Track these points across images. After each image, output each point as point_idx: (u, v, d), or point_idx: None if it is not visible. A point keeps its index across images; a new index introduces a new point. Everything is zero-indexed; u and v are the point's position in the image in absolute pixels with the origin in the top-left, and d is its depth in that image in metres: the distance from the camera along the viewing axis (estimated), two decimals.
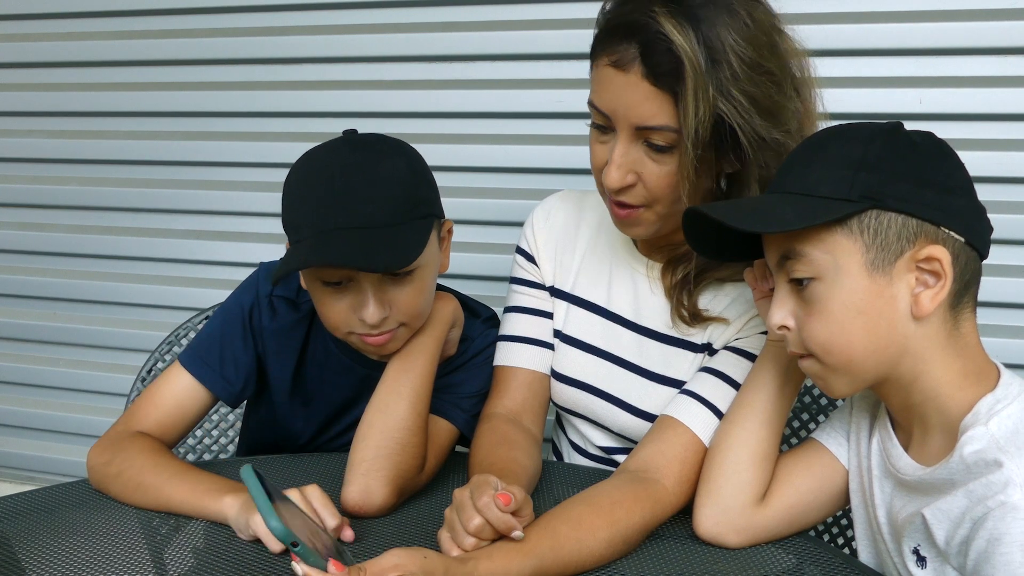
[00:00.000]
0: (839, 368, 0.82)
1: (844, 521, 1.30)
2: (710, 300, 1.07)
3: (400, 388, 1.02)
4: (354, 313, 0.99)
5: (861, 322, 0.79)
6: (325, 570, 0.73)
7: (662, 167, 0.97)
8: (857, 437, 0.94)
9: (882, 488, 0.90)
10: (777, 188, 0.85)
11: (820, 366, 0.83)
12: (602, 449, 1.17)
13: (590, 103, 1.00)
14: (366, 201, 0.96)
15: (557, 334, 1.17)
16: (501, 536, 0.82)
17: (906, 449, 0.86)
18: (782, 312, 0.84)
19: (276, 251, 1.96)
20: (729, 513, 0.92)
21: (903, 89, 1.56)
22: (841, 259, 0.78)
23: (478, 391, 1.14)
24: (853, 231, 0.78)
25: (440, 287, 1.12)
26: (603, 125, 0.99)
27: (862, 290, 0.78)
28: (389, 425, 0.99)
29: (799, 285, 0.81)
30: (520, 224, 1.81)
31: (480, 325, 1.18)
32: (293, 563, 0.74)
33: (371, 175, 0.97)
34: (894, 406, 0.88)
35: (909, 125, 0.84)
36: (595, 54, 0.99)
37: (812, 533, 1.31)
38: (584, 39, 1.64)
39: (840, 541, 1.30)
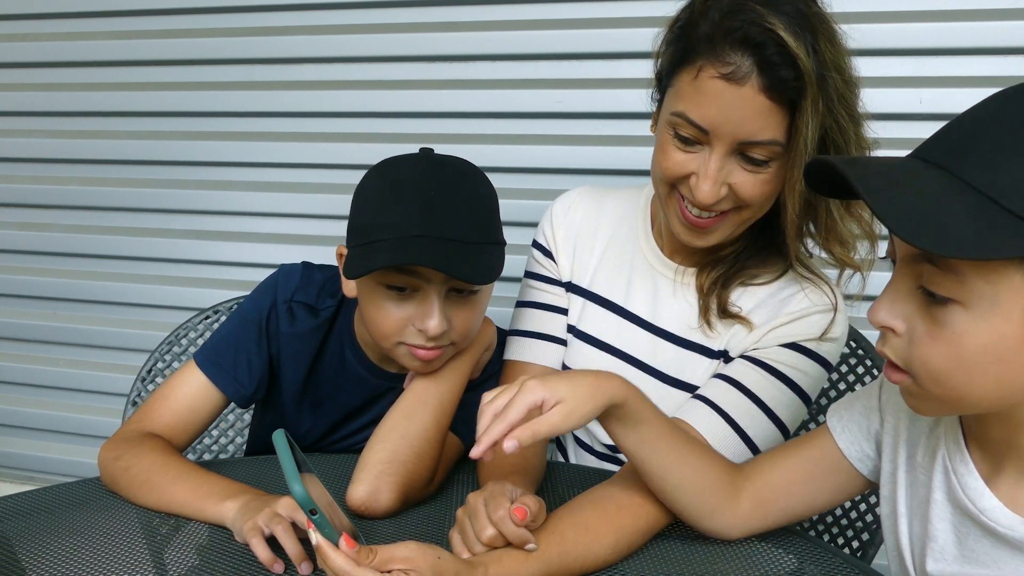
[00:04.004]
0: (943, 400, 0.68)
1: (844, 521, 1.30)
2: (738, 297, 1.07)
3: (428, 399, 1.03)
4: (413, 323, 0.99)
5: (996, 369, 0.63)
6: (337, 544, 0.75)
7: (756, 177, 0.95)
8: (894, 444, 0.83)
9: (946, 519, 0.76)
10: (950, 161, 0.62)
11: (917, 388, 0.68)
12: (608, 447, 1.17)
13: (680, 115, 0.94)
14: (456, 216, 0.96)
15: (571, 330, 1.17)
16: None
17: (986, 482, 0.72)
18: (892, 311, 0.67)
19: (277, 251, 1.97)
20: (720, 528, 0.91)
21: (903, 89, 1.56)
22: (1003, 296, 0.60)
23: None
24: None
25: None
26: (691, 137, 0.94)
27: (1012, 339, 0.62)
28: (411, 432, 1.00)
29: (931, 297, 0.64)
30: (520, 224, 1.81)
31: (496, 348, 1.18)
32: (309, 530, 0.75)
33: (461, 192, 0.98)
34: (987, 436, 0.73)
35: (909, 125, 0.82)
36: (687, 65, 0.93)
37: (813, 533, 1.31)
38: (584, 39, 1.63)
39: (840, 541, 1.30)
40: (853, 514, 1.29)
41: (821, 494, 0.91)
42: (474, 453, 0.77)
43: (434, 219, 0.95)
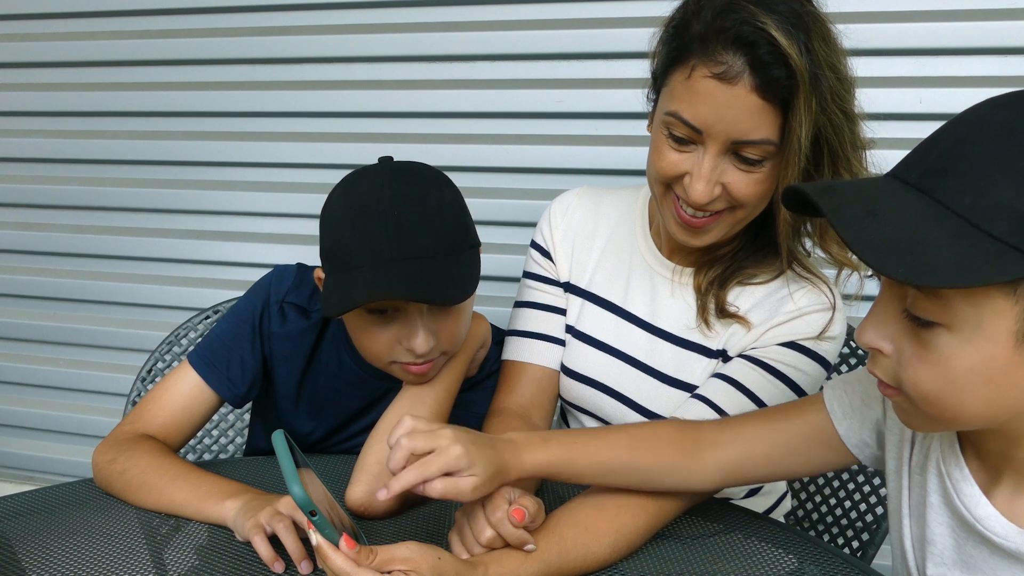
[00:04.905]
0: (935, 418, 0.67)
1: (844, 521, 1.30)
2: (736, 296, 1.07)
3: (423, 399, 1.03)
4: (400, 343, 0.98)
5: (985, 390, 0.63)
6: (338, 545, 0.75)
7: (750, 176, 0.95)
8: (899, 440, 0.82)
9: (944, 523, 0.76)
10: (929, 184, 0.61)
11: (909, 404, 0.68)
12: None
13: (673, 115, 0.94)
14: (422, 232, 0.94)
15: (570, 330, 1.17)
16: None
17: (984, 491, 0.72)
18: (879, 332, 0.67)
19: (277, 251, 1.97)
20: (688, 490, 0.93)
21: (903, 89, 1.56)
22: (987, 319, 0.60)
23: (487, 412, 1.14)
24: (1017, 292, 0.58)
25: None
26: (684, 137, 0.95)
27: (1000, 360, 0.61)
28: None
29: (916, 320, 0.63)
30: (520, 223, 1.81)
31: (494, 348, 1.18)
32: (309, 531, 0.75)
33: (423, 205, 0.96)
34: (985, 447, 0.72)
35: (909, 125, 0.82)
36: (680, 65, 0.93)
37: (813, 533, 1.31)
38: (584, 39, 1.63)
39: (840, 541, 1.30)
40: (853, 514, 1.29)
41: (804, 465, 0.91)
42: (381, 495, 0.79)
43: (406, 240, 0.93)
